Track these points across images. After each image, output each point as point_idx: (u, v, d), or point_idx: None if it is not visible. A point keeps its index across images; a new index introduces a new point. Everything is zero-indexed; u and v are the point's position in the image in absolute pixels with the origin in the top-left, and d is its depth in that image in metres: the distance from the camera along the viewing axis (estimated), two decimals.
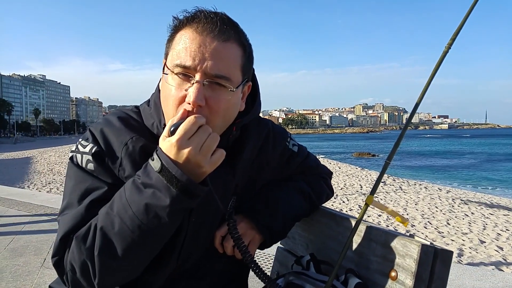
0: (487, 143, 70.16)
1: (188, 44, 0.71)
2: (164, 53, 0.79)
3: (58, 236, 0.75)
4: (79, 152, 0.80)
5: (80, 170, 0.79)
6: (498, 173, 23.36)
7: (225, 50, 0.72)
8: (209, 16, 0.73)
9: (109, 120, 0.82)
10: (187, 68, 0.71)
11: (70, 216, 0.75)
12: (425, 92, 0.90)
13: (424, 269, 0.72)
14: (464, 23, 0.85)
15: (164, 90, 0.76)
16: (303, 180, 1.03)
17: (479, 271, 3.03)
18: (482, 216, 6.42)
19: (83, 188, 0.77)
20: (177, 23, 0.75)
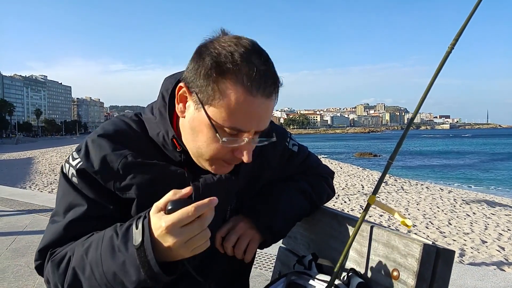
0: (489, 142, 69.95)
1: (242, 106, 0.69)
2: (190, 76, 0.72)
3: (39, 247, 0.80)
4: (69, 163, 0.80)
5: (66, 181, 0.80)
6: (500, 173, 23.31)
7: (271, 105, 0.73)
8: (258, 69, 0.68)
9: (107, 131, 0.81)
10: (239, 130, 0.71)
11: (52, 229, 0.79)
12: (427, 92, 0.89)
13: (426, 268, 0.72)
14: (467, 23, 0.85)
15: (201, 131, 0.73)
16: (303, 179, 1.02)
17: (481, 271, 3.02)
18: (483, 216, 6.40)
19: (67, 201, 0.79)
20: (220, 66, 0.68)
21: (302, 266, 0.98)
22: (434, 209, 6.88)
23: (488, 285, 2.64)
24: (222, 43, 0.70)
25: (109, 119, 0.95)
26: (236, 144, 0.72)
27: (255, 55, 0.69)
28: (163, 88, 0.83)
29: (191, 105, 0.73)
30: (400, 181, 11.72)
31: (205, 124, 0.72)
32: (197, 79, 0.70)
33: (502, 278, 2.79)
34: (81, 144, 0.82)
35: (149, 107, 0.85)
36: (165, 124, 0.79)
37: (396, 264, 0.76)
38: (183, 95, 0.74)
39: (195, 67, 0.71)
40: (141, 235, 0.64)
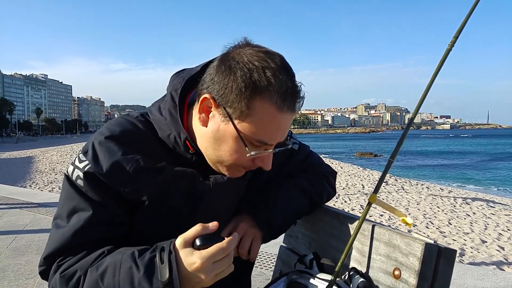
0: (490, 143, 69.92)
1: (271, 122, 0.72)
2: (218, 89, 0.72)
3: (44, 253, 0.77)
4: (74, 165, 0.78)
5: (70, 185, 0.78)
6: (500, 173, 23.31)
7: (293, 117, 0.76)
8: (287, 86, 0.71)
9: (114, 132, 0.79)
10: (266, 143, 0.74)
11: (57, 235, 0.76)
12: (427, 91, 0.89)
13: (428, 267, 0.72)
14: (467, 20, 0.85)
15: (226, 142, 0.75)
16: (303, 177, 1.03)
17: (481, 271, 3.02)
18: (483, 216, 6.40)
19: (71, 205, 0.77)
20: (254, 83, 0.69)
21: (303, 265, 0.98)
22: (434, 209, 6.88)
23: (488, 284, 2.64)
24: (251, 57, 0.70)
25: (109, 118, 0.95)
26: (261, 155, 0.75)
27: (284, 71, 0.71)
28: (171, 88, 0.81)
29: (217, 116, 0.74)
30: (400, 181, 11.71)
31: (232, 136, 0.73)
32: (227, 94, 0.70)
33: (502, 278, 2.79)
34: (87, 146, 0.79)
35: (156, 107, 0.83)
36: (177, 126, 0.78)
37: (398, 263, 0.76)
38: (207, 106, 0.74)
39: (224, 81, 0.71)
40: (167, 271, 0.64)
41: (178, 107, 0.79)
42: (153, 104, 0.86)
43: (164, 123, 0.80)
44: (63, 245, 0.75)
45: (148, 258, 0.67)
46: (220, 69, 0.72)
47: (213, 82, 0.72)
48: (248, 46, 0.74)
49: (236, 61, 0.70)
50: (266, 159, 0.77)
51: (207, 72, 0.76)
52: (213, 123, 0.74)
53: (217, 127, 0.74)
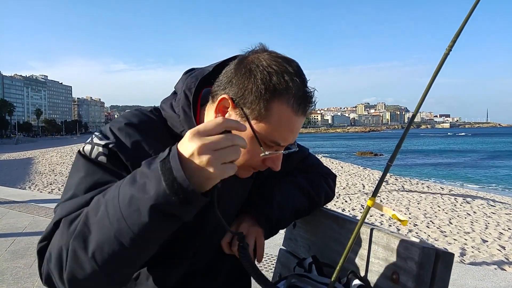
0: (490, 141, 69.91)
1: (286, 124, 0.74)
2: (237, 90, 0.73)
3: (53, 221, 0.69)
4: (91, 144, 0.75)
5: (90, 162, 0.74)
6: (500, 171, 23.31)
7: (304, 120, 0.78)
8: (303, 90, 0.74)
9: (132, 122, 0.79)
10: (279, 144, 0.76)
11: (70, 203, 0.70)
12: (426, 93, 0.89)
13: (426, 271, 0.72)
14: (464, 26, 0.85)
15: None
16: (301, 176, 1.05)
17: (481, 271, 3.02)
18: (484, 215, 6.40)
19: (92, 181, 0.72)
20: (274, 86, 0.72)
21: (302, 268, 0.98)
22: (435, 208, 6.87)
23: (489, 285, 2.64)
24: (270, 61, 0.73)
25: (110, 119, 0.94)
26: (272, 156, 0.77)
27: (300, 76, 0.74)
28: (185, 87, 0.83)
29: (233, 117, 0.75)
30: (401, 180, 11.71)
31: (247, 137, 0.74)
32: (246, 95, 0.73)
33: (502, 278, 2.79)
34: (104, 131, 0.77)
35: (168, 104, 0.84)
36: (190, 123, 0.79)
37: (396, 267, 0.76)
38: (224, 106, 0.76)
39: (244, 83, 0.73)
40: (167, 151, 0.58)
41: (192, 105, 0.81)
42: (163, 101, 0.87)
43: (177, 120, 0.81)
44: (77, 208, 0.68)
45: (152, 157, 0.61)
46: (239, 71, 0.74)
47: (231, 84, 0.75)
48: (265, 51, 0.77)
49: (256, 64, 0.73)
50: (276, 160, 0.79)
51: (223, 74, 0.78)
52: None
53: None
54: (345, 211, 6.59)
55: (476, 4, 0.84)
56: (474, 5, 0.85)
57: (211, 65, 0.87)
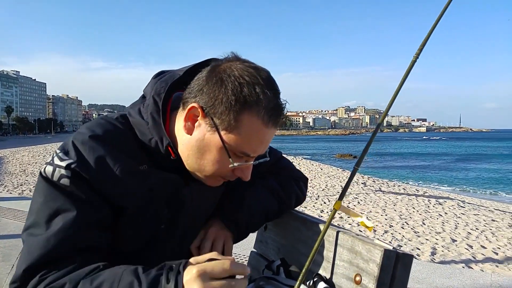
0: (463, 145, 72.56)
1: (256, 136, 0.75)
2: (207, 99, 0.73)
3: (22, 265, 0.68)
4: (53, 165, 0.73)
5: (51, 185, 0.72)
6: (470, 174, 24.28)
7: (275, 132, 0.79)
8: (273, 103, 0.74)
9: (96, 133, 0.76)
10: (248, 155, 0.77)
11: (37, 242, 0.68)
12: (394, 98, 0.93)
13: (386, 273, 0.75)
14: (431, 33, 0.89)
15: (210, 151, 0.76)
16: (272, 179, 1.05)
17: (450, 269, 3.14)
18: (454, 216, 6.64)
19: (54, 207, 0.71)
20: (244, 98, 0.72)
21: (271, 271, 0.99)
22: (410, 210, 7.07)
23: (455, 283, 2.75)
24: (242, 72, 0.73)
25: (87, 117, 0.92)
26: (241, 166, 0.78)
27: (271, 88, 0.74)
28: (154, 92, 0.80)
29: (203, 126, 0.75)
30: (378, 182, 11.97)
31: (216, 147, 0.75)
32: (216, 105, 0.72)
33: (468, 276, 2.91)
34: (66, 146, 0.75)
35: (136, 110, 0.81)
36: (159, 131, 0.78)
37: (359, 269, 0.79)
38: (194, 115, 0.75)
39: (214, 93, 0.72)
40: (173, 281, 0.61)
41: (162, 111, 0.79)
42: (131, 106, 0.84)
43: (146, 127, 0.79)
44: (48, 253, 0.68)
45: (154, 275, 0.63)
46: (211, 80, 0.73)
47: (202, 92, 0.74)
48: (238, 60, 0.76)
49: (228, 74, 0.72)
50: (246, 170, 0.80)
51: (194, 81, 0.77)
52: (198, 132, 0.76)
53: (202, 137, 0.75)
54: (324, 212, 6.68)
55: (441, 15, 0.88)
56: (440, 15, 0.89)
57: (182, 68, 0.85)
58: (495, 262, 3.98)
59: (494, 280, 2.89)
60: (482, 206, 8.79)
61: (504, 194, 16.08)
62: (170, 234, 0.86)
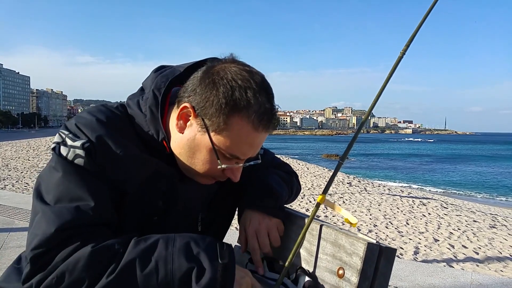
0: (449, 147, 74.12)
1: (246, 140, 0.75)
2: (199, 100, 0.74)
3: (51, 227, 0.66)
4: (67, 146, 0.74)
5: (68, 163, 0.73)
6: (454, 176, 24.84)
7: (267, 135, 0.79)
8: (266, 108, 0.74)
9: (100, 118, 0.77)
10: (238, 158, 0.78)
11: (67, 209, 0.68)
12: (381, 93, 0.93)
13: (369, 266, 0.74)
14: (418, 30, 0.90)
15: (200, 151, 0.77)
16: (280, 171, 1.08)
17: (431, 268, 3.19)
18: (437, 216, 6.76)
19: (74, 181, 0.71)
20: (234, 101, 0.72)
21: (254, 265, 0.98)
22: (394, 210, 7.17)
23: (436, 281, 2.80)
24: (235, 75, 0.73)
25: (72, 112, 0.92)
26: (233, 168, 0.79)
27: (264, 92, 0.74)
28: (154, 86, 0.82)
29: (194, 126, 0.76)
30: (364, 182, 12.12)
31: (206, 148, 0.76)
32: (207, 107, 0.73)
33: (449, 274, 2.97)
34: (72, 129, 0.75)
35: (135, 102, 0.82)
36: (156, 125, 0.79)
37: (342, 262, 0.79)
38: (186, 114, 0.77)
39: (206, 94, 0.73)
40: (227, 254, 0.69)
41: (160, 106, 0.80)
42: (130, 97, 0.86)
43: (143, 119, 0.80)
44: (80, 219, 0.68)
45: (209, 240, 0.71)
46: (203, 81, 0.74)
47: (195, 93, 0.75)
48: (234, 63, 0.76)
49: (220, 76, 0.73)
50: (236, 171, 0.81)
51: (190, 80, 0.78)
52: (190, 132, 0.77)
53: (193, 136, 0.77)
54: (309, 210, 6.72)
55: (430, 10, 0.89)
56: (428, 11, 0.90)
57: (183, 65, 0.86)
58: (476, 262, 4.07)
59: (475, 278, 2.95)
60: (464, 207, 9.00)
61: (485, 196, 16.52)
62: (162, 226, 0.86)
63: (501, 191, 18.36)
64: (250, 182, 0.97)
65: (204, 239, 0.71)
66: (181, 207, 0.88)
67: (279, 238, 0.93)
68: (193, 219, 0.95)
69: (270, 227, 0.92)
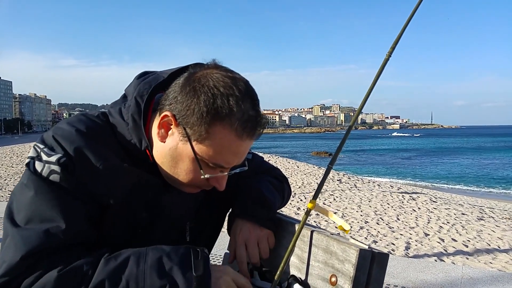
0: (437, 141, 75.36)
1: (230, 148, 0.73)
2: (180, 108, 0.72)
3: (17, 254, 0.64)
4: (41, 161, 0.71)
5: (41, 180, 0.70)
6: (442, 169, 25.29)
7: (252, 143, 0.77)
8: (250, 115, 0.72)
9: (80, 128, 0.74)
10: (223, 167, 0.76)
11: (35, 234, 0.66)
12: (368, 96, 0.92)
13: (362, 273, 0.73)
14: (402, 33, 0.89)
15: (183, 161, 0.75)
16: (270, 176, 1.07)
17: (423, 263, 3.22)
18: (427, 210, 6.86)
19: (46, 201, 0.69)
20: (216, 110, 0.70)
21: None
22: (385, 206, 7.24)
23: (428, 276, 2.83)
24: (217, 82, 0.70)
25: (57, 117, 0.88)
26: (215, 178, 0.77)
27: (248, 98, 0.72)
28: (137, 93, 0.79)
29: (176, 135, 0.74)
30: (353, 179, 12.22)
31: (189, 157, 0.74)
32: (189, 115, 0.71)
33: (440, 269, 3.00)
34: (49, 141, 0.73)
35: (117, 110, 0.80)
36: (139, 133, 0.77)
37: (334, 269, 0.77)
38: (167, 123, 0.74)
39: (187, 103, 0.71)
40: (202, 266, 0.69)
41: (143, 114, 0.78)
42: (112, 105, 0.83)
43: (126, 128, 0.78)
44: (48, 244, 0.66)
45: (183, 252, 0.70)
46: (184, 89, 0.72)
47: (176, 101, 0.73)
48: (216, 69, 0.74)
49: (202, 84, 0.71)
50: (220, 180, 0.79)
51: (172, 87, 0.76)
52: (172, 141, 0.75)
53: (175, 145, 0.74)
54: (300, 209, 6.73)
55: (412, 14, 0.89)
56: (411, 15, 0.89)
57: (167, 71, 0.84)
58: (466, 254, 4.13)
59: (465, 272, 2.99)
60: (452, 200, 9.15)
61: (472, 188, 16.86)
62: (147, 238, 0.83)
63: (487, 183, 18.79)
64: (242, 190, 0.95)
65: (177, 252, 0.70)
66: (167, 217, 0.86)
67: (268, 250, 0.91)
68: (180, 229, 0.92)
69: (261, 238, 0.90)
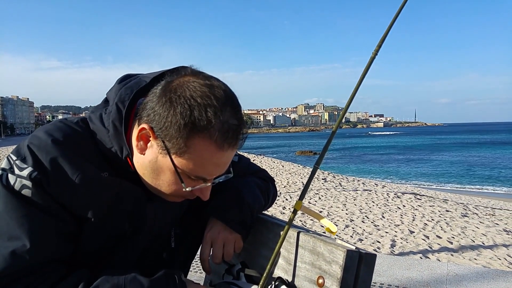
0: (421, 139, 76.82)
1: (211, 160, 0.70)
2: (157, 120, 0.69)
3: None
4: (14, 174, 0.69)
5: (12, 194, 0.68)
6: (427, 166, 25.84)
7: (235, 151, 0.74)
8: (230, 125, 0.68)
9: (56, 137, 0.72)
10: (205, 179, 0.74)
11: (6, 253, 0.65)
12: (354, 95, 0.91)
13: (350, 274, 0.72)
14: (388, 32, 0.89)
15: (164, 173, 0.73)
16: (256, 177, 1.05)
17: (408, 260, 3.26)
18: (412, 208, 6.97)
19: (16, 218, 0.67)
20: (193, 122, 0.66)
21: (231, 275, 0.95)
22: (370, 204, 7.33)
23: (414, 274, 2.86)
24: (194, 92, 0.67)
25: (40, 120, 0.84)
26: (199, 188, 0.75)
27: (228, 107, 0.68)
28: (118, 98, 0.76)
29: (155, 147, 0.70)
30: (338, 178, 12.33)
31: (169, 170, 0.71)
32: (166, 128, 0.68)
33: (426, 267, 3.05)
34: (22, 152, 0.71)
35: (97, 116, 0.77)
36: (120, 141, 0.74)
37: (321, 271, 0.76)
38: (146, 135, 0.71)
39: (164, 115, 0.67)
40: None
41: (124, 120, 0.75)
42: (92, 111, 0.80)
43: (106, 135, 0.75)
44: (14, 266, 0.65)
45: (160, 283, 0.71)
46: (161, 100, 0.69)
47: (154, 112, 0.69)
48: (194, 76, 0.70)
49: (178, 94, 0.67)
50: (204, 191, 0.77)
51: (149, 96, 0.72)
52: (151, 153, 0.72)
53: (155, 158, 0.72)
54: (286, 209, 6.74)
55: (398, 12, 0.89)
56: (397, 13, 0.89)
57: (149, 75, 0.80)
58: (450, 251, 4.21)
59: (451, 269, 3.04)
60: (437, 198, 9.34)
61: (455, 185, 17.29)
62: (131, 248, 0.81)
63: (470, 180, 19.29)
64: (221, 189, 0.92)
65: (155, 285, 0.70)
66: (150, 226, 0.84)
67: (232, 254, 0.90)
68: (165, 236, 0.91)
69: (228, 241, 0.89)
